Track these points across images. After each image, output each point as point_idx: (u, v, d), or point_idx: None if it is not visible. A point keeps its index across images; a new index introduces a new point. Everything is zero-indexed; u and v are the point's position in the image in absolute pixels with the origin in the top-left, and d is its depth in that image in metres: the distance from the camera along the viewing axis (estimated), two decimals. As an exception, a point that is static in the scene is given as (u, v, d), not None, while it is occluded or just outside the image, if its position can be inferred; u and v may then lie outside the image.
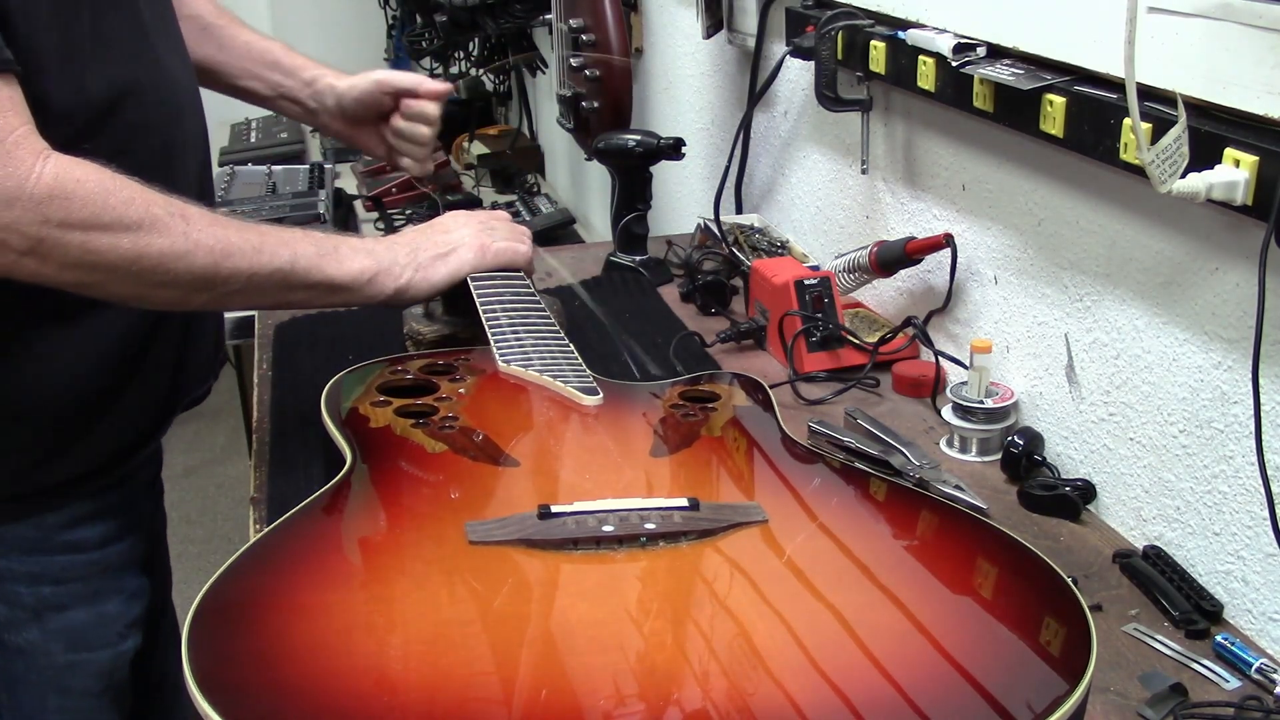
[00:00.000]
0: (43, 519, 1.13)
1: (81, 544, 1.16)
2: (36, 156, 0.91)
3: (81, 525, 1.16)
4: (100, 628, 1.19)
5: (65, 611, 1.16)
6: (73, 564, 1.16)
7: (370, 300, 1.12)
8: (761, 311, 1.46)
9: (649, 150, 1.65)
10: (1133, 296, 1.06)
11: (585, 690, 0.68)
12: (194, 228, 0.98)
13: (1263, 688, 0.88)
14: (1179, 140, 0.89)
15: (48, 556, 1.14)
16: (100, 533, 1.17)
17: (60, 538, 1.14)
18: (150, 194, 0.97)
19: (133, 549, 1.23)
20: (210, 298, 1.02)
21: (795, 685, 0.69)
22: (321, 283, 1.07)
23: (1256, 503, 0.94)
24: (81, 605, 1.17)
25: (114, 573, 1.20)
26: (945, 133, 1.33)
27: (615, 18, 1.90)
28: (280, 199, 2.45)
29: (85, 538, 1.16)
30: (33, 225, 0.90)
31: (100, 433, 1.13)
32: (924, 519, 0.90)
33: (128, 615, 1.21)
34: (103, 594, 1.19)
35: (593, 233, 2.72)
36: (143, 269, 0.96)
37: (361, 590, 0.79)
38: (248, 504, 1.13)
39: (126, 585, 1.21)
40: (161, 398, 1.20)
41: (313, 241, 1.08)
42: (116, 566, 1.20)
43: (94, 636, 1.18)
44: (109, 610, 1.19)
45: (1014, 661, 0.73)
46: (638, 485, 0.94)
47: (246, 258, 1.01)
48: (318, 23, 3.81)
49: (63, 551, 1.15)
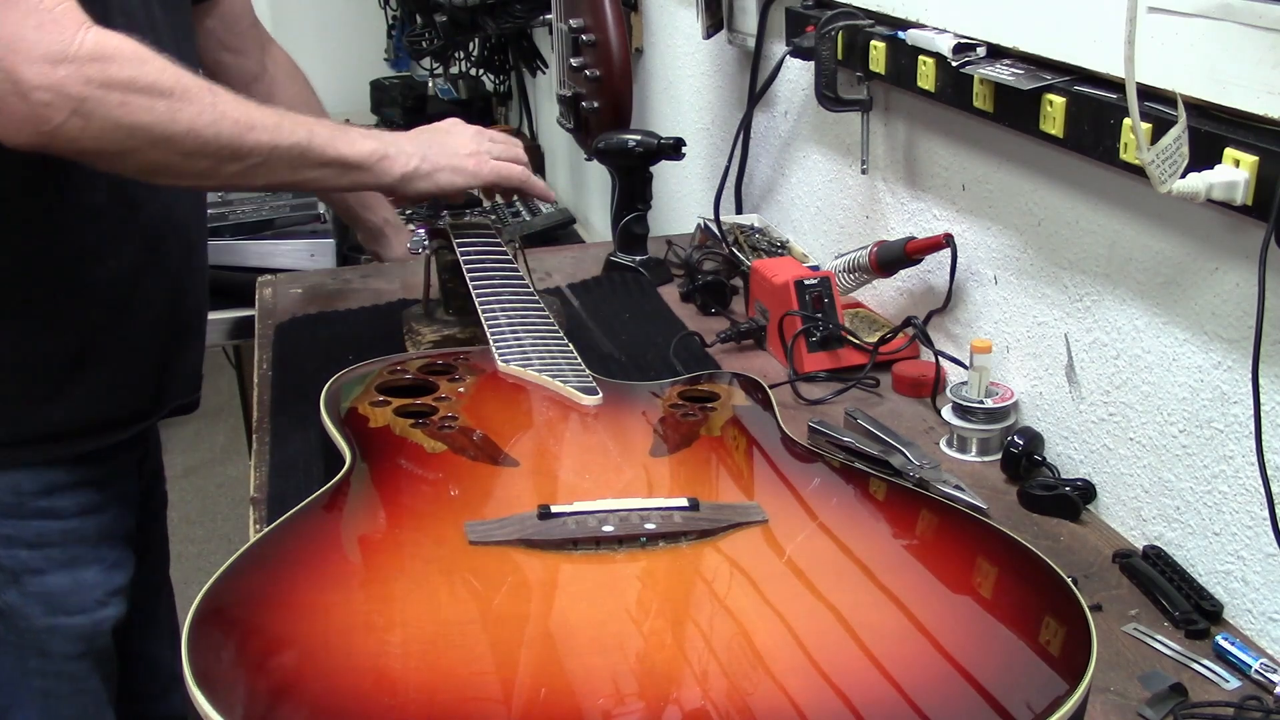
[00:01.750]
0: (18, 483, 1.19)
1: (57, 511, 1.22)
2: (80, 25, 0.98)
3: (58, 493, 1.21)
4: (78, 593, 1.24)
5: (43, 575, 1.21)
6: (48, 529, 1.21)
7: (379, 181, 1.17)
8: (761, 311, 1.46)
9: (649, 150, 1.65)
10: (1133, 296, 1.06)
11: (585, 690, 0.68)
12: (220, 100, 1.06)
13: (1263, 688, 0.88)
14: (1179, 140, 0.89)
15: (23, 521, 1.20)
16: (78, 502, 1.23)
17: (35, 504, 1.20)
18: (180, 69, 1.03)
19: (114, 522, 1.28)
20: (239, 169, 1.07)
21: (795, 685, 0.69)
22: (335, 160, 1.13)
23: (1256, 503, 0.94)
24: (59, 570, 1.22)
25: (91, 542, 1.25)
26: (945, 133, 1.33)
27: (615, 18, 1.90)
28: (280, 199, 2.45)
29: (61, 506, 1.22)
30: (78, 84, 0.96)
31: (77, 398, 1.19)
32: (924, 519, 0.90)
33: (107, 584, 1.26)
34: (80, 561, 1.24)
35: (593, 233, 2.72)
36: (175, 134, 1.01)
37: (361, 590, 0.79)
38: (248, 504, 1.13)
39: (105, 556, 1.27)
40: (139, 386, 1.26)
41: (326, 125, 1.14)
42: (95, 537, 1.25)
43: (72, 601, 1.23)
44: (86, 577, 1.24)
45: (1014, 661, 0.73)
46: (637, 485, 0.94)
47: (269, 131, 1.07)
48: (318, 23, 3.81)
49: (37, 516, 1.21)
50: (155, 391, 1.30)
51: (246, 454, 2.00)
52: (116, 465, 1.29)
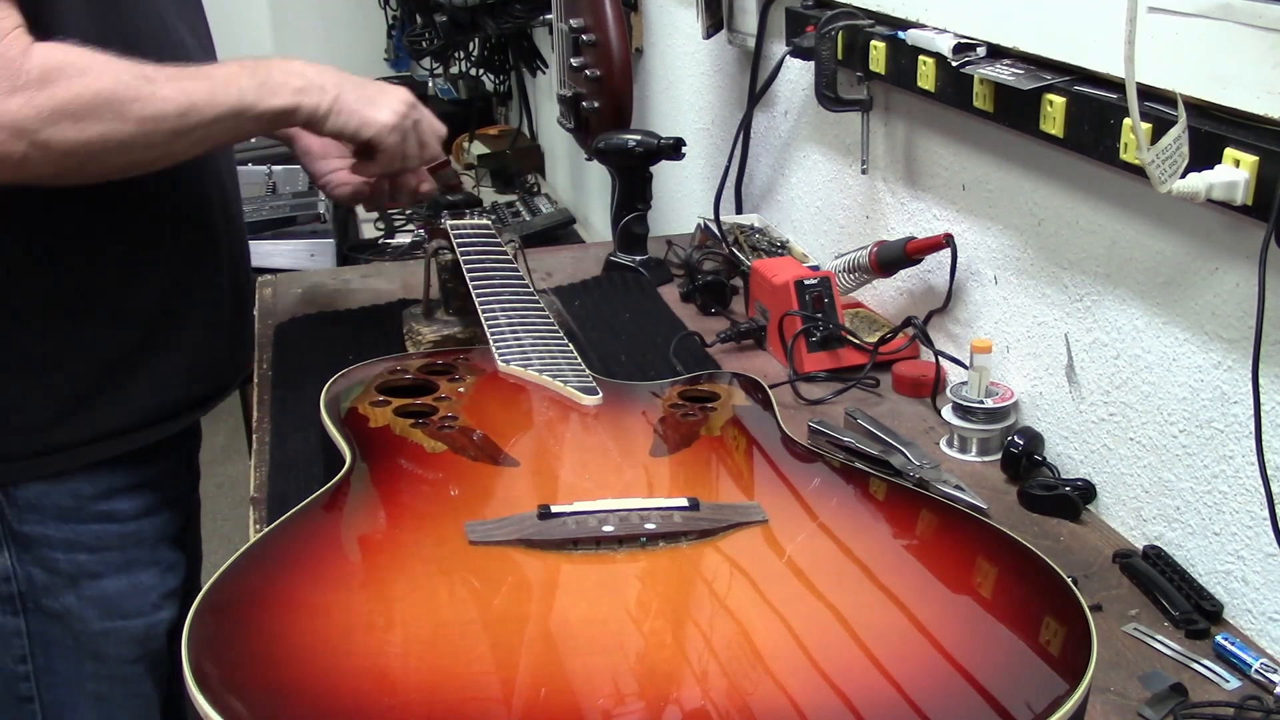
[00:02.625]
0: (79, 487, 1.17)
1: (116, 514, 1.20)
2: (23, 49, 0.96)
3: (117, 496, 1.20)
4: (135, 596, 1.22)
5: (100, 579, 1.20)
6: (107, 533, 1.20)
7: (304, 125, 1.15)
8: (761, 311, 1.46)
9: (649, 150, 1.64)
10: (1133, 296, 1.06)
11: (585, 690, 0.68)
12: (158, 85, 1.03)
13: (1263, 688, 0.88)
14: (1179, 140, 0.89)
15: (83, 525, 1.18)
16: (136, 505, 1.21)
17: (95, 507, 1.18)
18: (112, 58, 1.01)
19: (168, 524, 1.27)
20: (183, 146, 1.06)
21: (795, 685, 0.69)
22: (266, 114, 1.11)
23: (1256, 503, 0.94)
24: (116, 574, 1.21)
25: (149, 545, 1.24)
26: (945, 133, 1.33)
27: (615, 18, 1.90)
28: (280, 199, 2.45)
29: (120, 509, 1.20)
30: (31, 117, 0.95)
31: (142, 389, 1.18)
32: (924, 519, 0.90)
33: (162, 587, 1.25)
34: (137, 564, 1.23)
35: (593, 233, 2.72)
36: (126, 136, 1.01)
37: (361, 590, 0.79)
38: (248, 504, 1.13)
39: (162, 558, 1.25)
40: (212, 364, 1.25)
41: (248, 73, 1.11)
42: (151, 539, 1.24)
43: (128, 605, 1.22)
44: (143, 580, 1.23)
45: (1014, 661, 0.73)
46: (638, 485, 0.94)
47: (206, 104, 1.06)
48: (318, 23, 3.81)
49: (97, 520, 1.19)
50: (220, 370, 1.29)
51: (246, 454, 2.00)
52: (170, 464, 1.28)
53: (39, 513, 1.15)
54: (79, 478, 1.17)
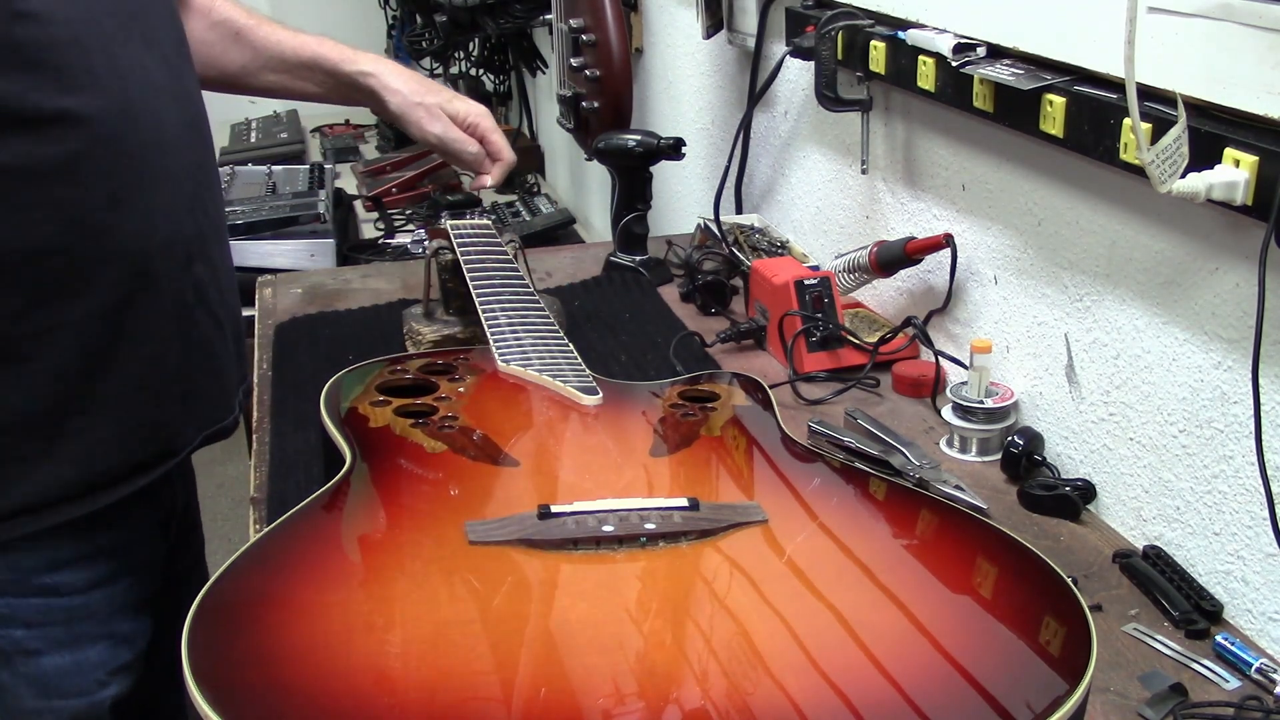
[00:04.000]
0: (17, 560, 1.06)
1: (61, 588, 1.09)
2: None
3: (64, 568, 1.09)
4: (76, 675, 1.12)
5: (38, 656, 1.10)
6: (50, 608, 1.09)
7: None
8: (761, 311, 1.46)
9: (649, 150, 1.65)
10: (1133, 296, 1.06)
11: (585, 690, 0.68)
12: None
13: (1263, 688, 0.88)
14: (1179, 140, 0.89)
15: (21, 599, 1.08)
16: (86, 577, 1.10)
17: (37, 580, 1.08)
18: None
19: (128, 592, 1.15)
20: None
21: (795, 685, 0.69)
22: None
23: (1256, 503, 0.94)
24: (58, 651, 1.10)
25: (100, 618, 1.12)
26: (945, 133, 1.33)
27: (615, 18, 1.90)
28: (280, 199, 2.45)
29: (66, 581, 1.09)
30: None
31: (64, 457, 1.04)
32: (924, 519, 0.90)
33: (112, 662, 1.14)
34: (85, 639, 1.12)
35: (593, 233, 2.72)
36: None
37: (361, 590, 0.78)
38: (248, 504, 1.13)
39: (116, 630, 1.14)
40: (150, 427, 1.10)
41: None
42: (105, 612, 1.13)
43: (68, 684, 1.11)
44: (90, 657, 1.12)
45: (1014, 661, 0.73)
46: (637, 485, 0.94)
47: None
48: (318, 22, 3.79)
49: (39, 594, 1.08)
50: (169, 431, 1.12)
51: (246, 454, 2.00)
52: (133, 527, 1.14)
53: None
54: (18, 548, 1.05)
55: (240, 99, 1.47)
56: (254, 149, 3.02)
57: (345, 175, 2.87)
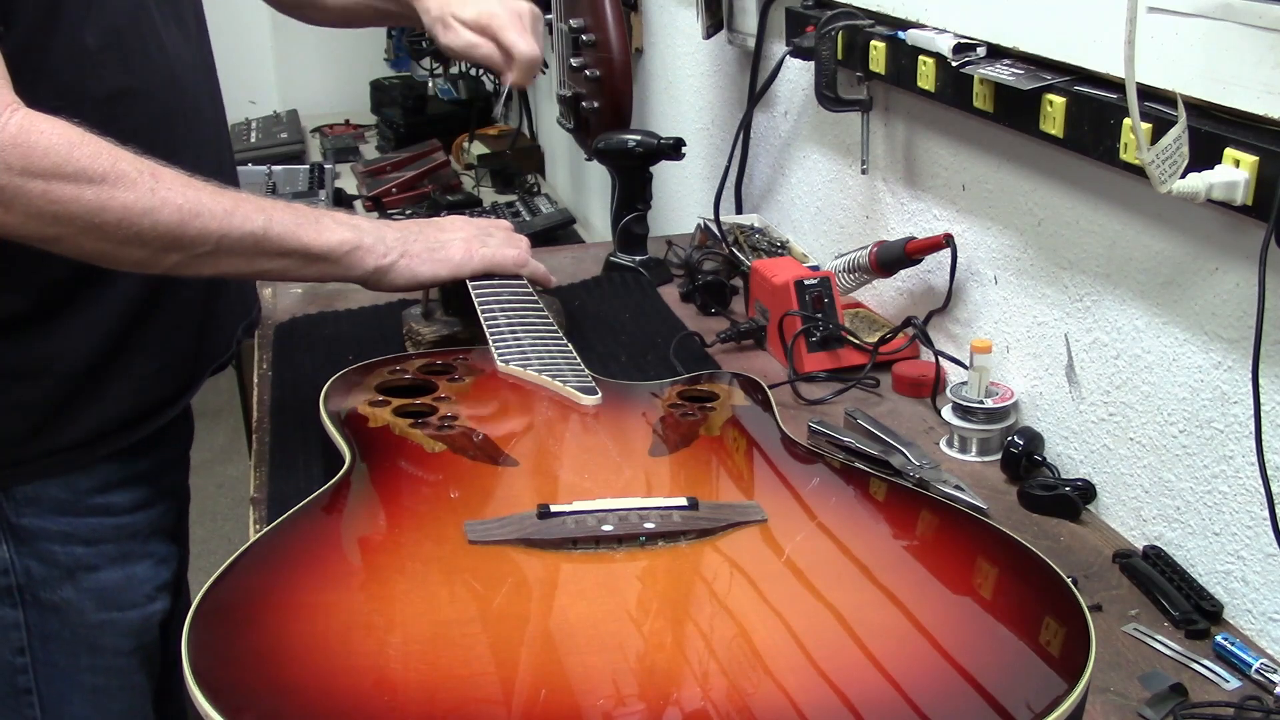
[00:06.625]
0: (74, 481, 1.16)
1: (112, 507, 1.20)
2: (4, 107, 0.93)
3: (112, 490, 1.19)
4: (130, 589, 1.22)
5: (97, 571, 1.20)
6: (102, 526, 1.19)
7: (348, 274, 1.14)
8: (761, 311, 1.46)
9: (649, 150, 1.64)
10: (1133, 296, 1.06)
11: (584, 690, 0.68)
12: (163, 185, 0.99)
13: (1263, 688, 0.88)
14: (1179, 140, 0.89)
15: (79, 518, 1.18)
16: (130, 498, 1.21)
17: (90, 500, 1.18)
18: (120, 151, 0.98)
19: (162, 517, 1.27)
20: (181, 259, 1.02)
21: (794, 685, 0.69)
22: (297, 250, 1.08)
23: (1256, 503, 0.94)
24: (112, 566, 1.21)
25: (143, 538, 1.23)
26: (945, 133, 1.33)
27: (615, 18, 1.90)
28: (280, 199, 2.45)
29: (115, 502, 1.20)
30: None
31: (115, 394, 1.16)
32: (924, 519, 0.90)
33: (156, 579, 1.25)
34: (132, 557, 1.22)
35: (593, 233, 2.72)
36: (105, 222, 0.96)
37: (361, 590, 0.79)
38: (248, 504, 1.13)
39: (155, 550, 1.25)
40: (181, 362, 1.23)
41: (293, 211, 1.09)
42: (145, 532, 1.24)
43: (124, 597, 1.22)
44: (138, 572, 1.23)
45: (1013, 661, 0.73)
46: (637, 485, 0.94)
47: (217, 219, 1.01)
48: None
49: (93, 514, 1.18)
50: (191, 366, 1.25)
51: (246, 454, 2.00)
52: (164, 458, 1.28)
53: (36, 506, 1.16)
54: (74, 472, 1.17)
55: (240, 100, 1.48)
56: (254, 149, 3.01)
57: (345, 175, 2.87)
